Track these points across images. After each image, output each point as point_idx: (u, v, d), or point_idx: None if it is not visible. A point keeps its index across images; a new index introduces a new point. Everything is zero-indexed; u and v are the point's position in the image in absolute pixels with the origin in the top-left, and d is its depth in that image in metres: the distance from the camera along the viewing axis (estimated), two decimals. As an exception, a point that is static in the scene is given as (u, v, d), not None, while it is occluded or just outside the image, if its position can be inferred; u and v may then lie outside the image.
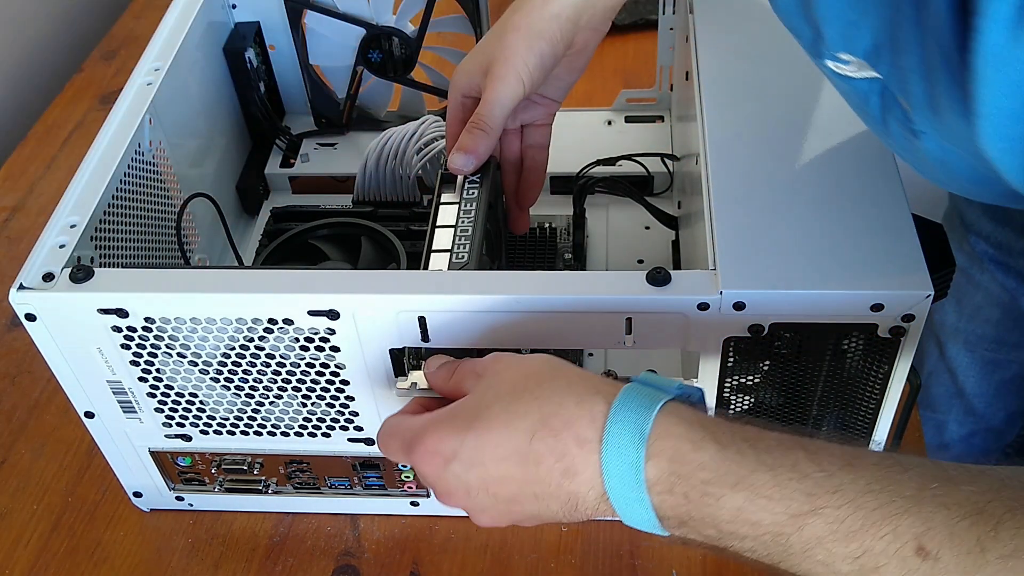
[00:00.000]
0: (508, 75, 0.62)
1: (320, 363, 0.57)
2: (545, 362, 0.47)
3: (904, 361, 0.54)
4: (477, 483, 0.46)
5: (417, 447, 0.47)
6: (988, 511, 0.36)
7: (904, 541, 0.37)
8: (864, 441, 0.59)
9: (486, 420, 0.45)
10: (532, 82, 0.63)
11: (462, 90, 0.65)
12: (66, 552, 0.69)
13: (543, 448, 0.44)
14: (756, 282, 0.51)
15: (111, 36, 1.19)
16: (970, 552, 0.36)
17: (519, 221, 0.72)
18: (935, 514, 0.37)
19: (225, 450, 0.65)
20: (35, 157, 1.02)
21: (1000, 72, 0.35)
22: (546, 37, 0.62)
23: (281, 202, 0.84)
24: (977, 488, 0.38)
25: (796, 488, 0.40)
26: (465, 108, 0.66)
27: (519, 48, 0.62)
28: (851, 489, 0.39)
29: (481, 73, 0.64)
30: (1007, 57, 0.35)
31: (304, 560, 0.67)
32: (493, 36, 0.64)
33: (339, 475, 0.66)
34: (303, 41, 0.85)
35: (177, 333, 0.56)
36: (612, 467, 0.42)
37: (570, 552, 0.66)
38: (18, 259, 0.62)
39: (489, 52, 0.63)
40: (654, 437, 0.42)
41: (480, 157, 0.63)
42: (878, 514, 0.38)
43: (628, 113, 0.89)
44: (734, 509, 0.40)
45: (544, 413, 0.44)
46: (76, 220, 0.59)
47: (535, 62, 0.62)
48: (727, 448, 0.41)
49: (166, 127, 0.71)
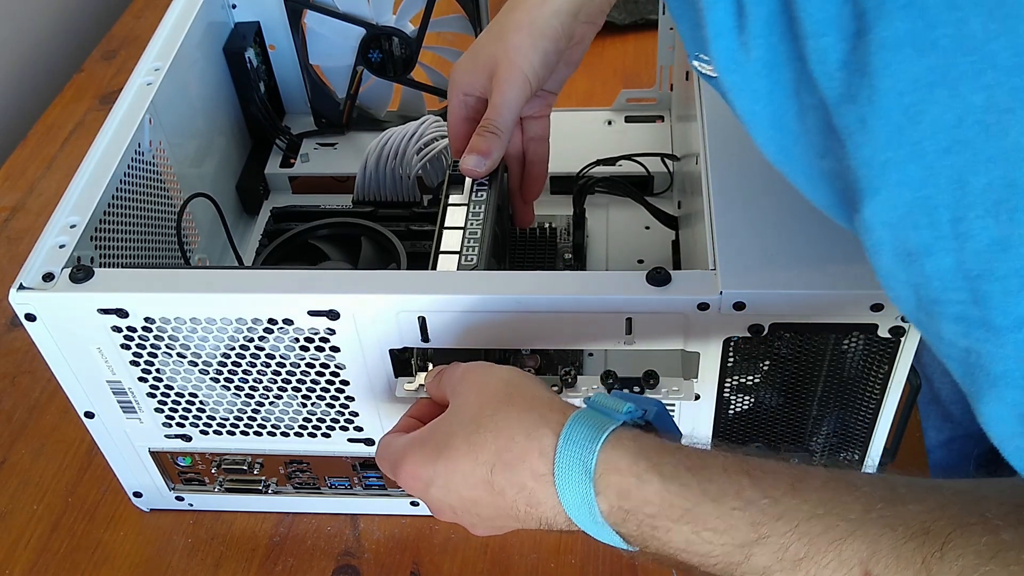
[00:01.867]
0: (515, 77, 0.62)
1: (320, 363, 0.57)
2: (504, 384, 0.47)
3: (904, 361, 0.54)
4: (458, 504, 0.47)
5: (399, 471, 0.48)
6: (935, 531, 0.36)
7: (850, 567, 0.37)
8: (863, 444, 0.59)
9: (452, 451, 0.46)
10: (538, 81, 0.63)
11: (463, 89, 0.65)
12: (66, 552, 0.69)
13: (503, 481, 0.44)
14: (756, 282, 0.51)
15: (111, 36, 1.19)
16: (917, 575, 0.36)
17: (524, 215, 0.73)
18: (881, 537, 0.36)
19: (225, 450, 0.65)
20: (35, 157, 1.02)
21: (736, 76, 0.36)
22: (549, 35, 0.62)
23: (281, 202, 0.84)
24: (924, 507, 0.37)
25: (740, 518, 0.39)
26: (468, 106, 0.66)
27: (523, 48, 0.62)
28: (795, 515, 0.38)
29: (484, 73, 0.64)
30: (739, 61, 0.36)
31: (304, 560, 0.67)
32: (492, 35, 0.64)
33: (339, 475, 0.66)
34: (303, 41, 0.85)
35: (177, 333, 0.56)
36: (568, 501, 0.43)
37: (570, 552, 0.66)
38: (18, 259, 0.62)
39: (491, 52, 0.63)
40: (599, 473, 0.42)
41: (493, 160, 0.63)
42: (823, 539, 0.37)
43: (628, 113, 0.89)
44: (683, 541, 0.40)
45: (499, 447, 0.45)
46: (76, 220, 0.59)
47: (540, 61, 0.62)
48: (670, 481, 0.41)
49: (166, 127, 0.71)
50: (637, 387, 0.57)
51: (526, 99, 0.63)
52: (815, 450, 0.61)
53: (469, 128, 0.66)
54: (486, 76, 0.64)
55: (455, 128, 0.66)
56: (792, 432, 0.59)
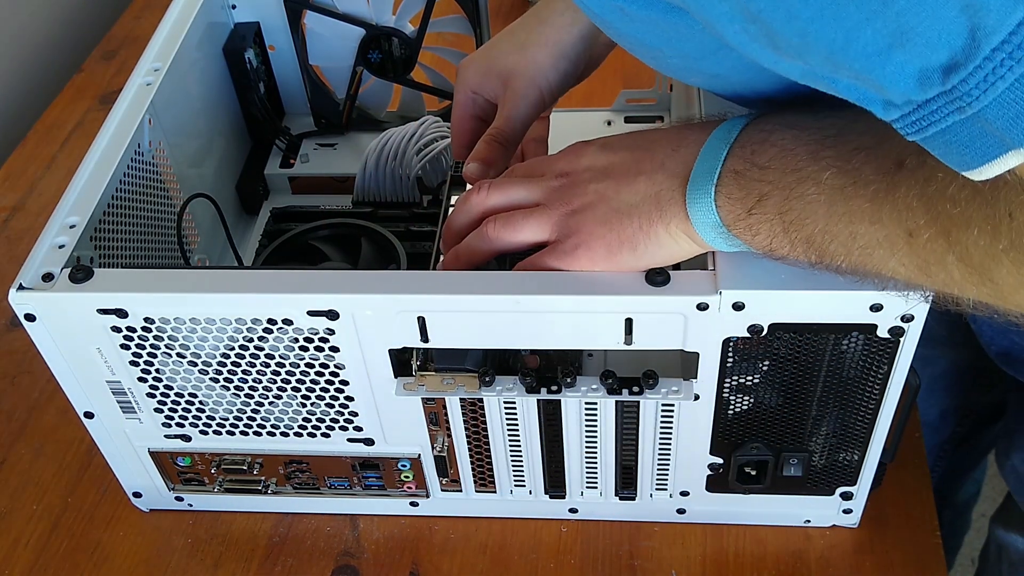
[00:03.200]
0: (531, 93, 0.62)
1: (320, 363, 0.57)
2: None
3: (903, 361, 0.54)
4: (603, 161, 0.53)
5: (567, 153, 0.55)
6: None
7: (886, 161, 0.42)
8: (863, 444, 0.59)
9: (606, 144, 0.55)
10: (552, 99, 0.64)
11: (473, 87, 0.65)
12: (66, 552, 0.69)
13: (659, 136, 0.53)
14: (755, 282, 0.51)
15: (111, 36, 1.19)
16: None
17: None
18: None
19: (225, 450, 0.65)
20: (35, 157, 1.02)
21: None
22: (571, 57, 0.63)
23: (281, 202, 0.84)
24: None
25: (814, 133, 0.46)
26: (476, 104, 0.65)
27: (544, 66, 0.62)
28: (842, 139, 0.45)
29: (498, 78, 0.64)
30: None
31: (304, 560, 0.67)
32: (515, 44, 0.64)
33: (339, 475, 0.66)
34: (303, 41, 0.85)
35: (177, 333, 0.56)
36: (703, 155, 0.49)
37: (570, 552, 0.66)
38: (18, 259, 0.62)
39: (511, 62, 0.63)
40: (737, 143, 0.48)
41: (498, 170, 0.62)
42: None
43: (628, 113, 0.89)
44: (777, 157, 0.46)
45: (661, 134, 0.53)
46: (76, 220, 0.59)
47: (558, 81, 0.63)
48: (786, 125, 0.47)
49: (166, 127, 0.71)
50: (637, 387, 0.57)
51: (538, 114, 0.64)
52: (815, 450, 0.61)
53: (475, 126, 0.66)
54: (500, 83, 0.64)
55: (460, 124, 0.66)
56: (792, 432, 0.59)
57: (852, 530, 0.66)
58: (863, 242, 0.44)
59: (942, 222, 0.39)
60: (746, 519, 0.67)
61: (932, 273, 0.42)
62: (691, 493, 0.65)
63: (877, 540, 0.66)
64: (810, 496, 0.64)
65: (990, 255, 0.38)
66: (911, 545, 0.65)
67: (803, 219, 0.45)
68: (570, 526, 0.68)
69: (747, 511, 0.66)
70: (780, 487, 0.63)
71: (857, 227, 0.43)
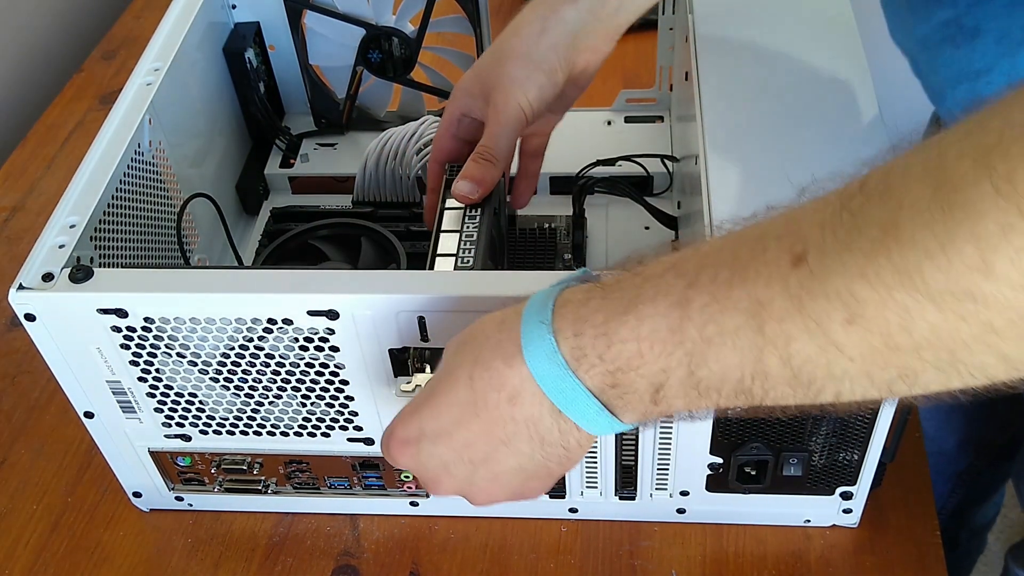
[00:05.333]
0: (511, 108, 0.62)
1: (320, 363, 0.57)
2: (466, 329, 0.47)
3: (903, 361, 0.54)
4: (450, 454, 0.46)
5: (391, 444, 0.48)
6: None
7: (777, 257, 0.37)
8: (862, 444, 0.59)
9: (431, 390, 0.47)
10: (534, 111, 0.63)
11: (461, 109, 0.65)
12: (66, 552, 0.69)
13: (483, 385, 0.44)
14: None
15: (111, 36, 1.19)
16: None
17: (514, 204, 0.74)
18: (797, 219, 0.38)
19: (225, 450, 0.65)
20: (35, 157, 1.02)
21: None
22: (544, 68, 0.62)
23: (281, 202, 0.84)
24: None
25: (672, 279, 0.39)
26: (461, 125, 0.66)
27: (519, 79, 0.62)
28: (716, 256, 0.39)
29: (481, 97, 0.64)
30: None
31: (304, 560, 0.67)
32: (492, 59, 0.64)
33: (339, 475, 0.66)
34: (303, 41, 0.85)
35: (177, 333, 0.56)
36: (535, 364, 0.42)
37: (570, 552, 0.66)
38: (18, 259, 0.62)
39: (489, 78, 0.63)
40: (555, 314, 0.42)
41: (487, 187, 0.62)
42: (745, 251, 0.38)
43: (628, 113, 0.89)
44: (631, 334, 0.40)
45: (475, 353, 0.44)
46: (76, 220, 0.59)
47: (535, 93, 0.62)
48: (611, 288, 0.41)
49: (166, 127, 0.71)
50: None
51: (522, 128, 0.63)
52: (815, 450, 0.61)
53: (454, 146, 0.66)
54: (483, 100, 0.64)
55: (440, 142, 0.67)
56: (792, 432, 0.59)
57: (852, 530, 0.66)
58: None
59: None
60: (746, 519, 0.67)
61: None
62: (691, 493, 0.65)
63: (877, 540, 0.66)
64: (810, 496, 0.64)
65: None
66: (911, 545, 0.65)
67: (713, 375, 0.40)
68: (570, 526, 0.68)
69: (747, 511, 0.66)
70: (780, 487, 0.63)
71: None
